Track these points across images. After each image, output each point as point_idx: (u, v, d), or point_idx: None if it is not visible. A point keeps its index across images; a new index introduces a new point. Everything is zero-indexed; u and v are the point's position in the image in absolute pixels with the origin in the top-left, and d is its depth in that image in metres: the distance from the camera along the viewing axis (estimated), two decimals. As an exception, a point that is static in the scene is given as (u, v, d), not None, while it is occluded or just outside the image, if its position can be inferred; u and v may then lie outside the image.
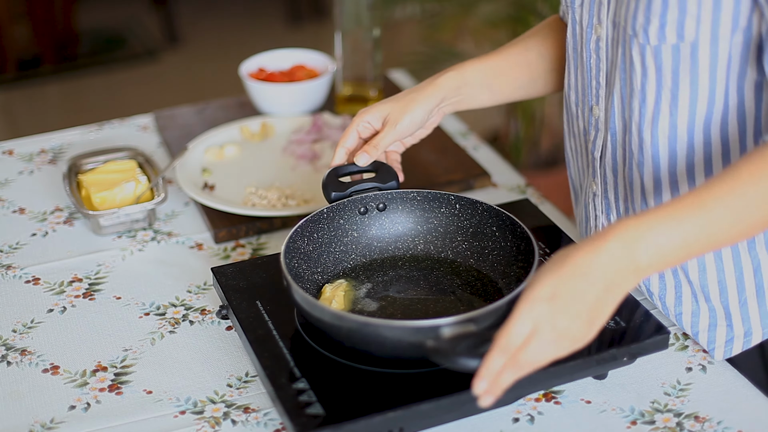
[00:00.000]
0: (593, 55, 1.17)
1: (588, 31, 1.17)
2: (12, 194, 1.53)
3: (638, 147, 1.14)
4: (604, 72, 1.17)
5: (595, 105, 1.19)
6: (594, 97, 1.20)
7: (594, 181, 1.24)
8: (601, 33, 1.15)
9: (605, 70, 1.17)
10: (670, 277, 1.18)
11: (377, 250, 1.24)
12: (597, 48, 1.16)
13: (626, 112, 1.14)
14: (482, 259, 1.22)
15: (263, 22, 4.63)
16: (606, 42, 1.15)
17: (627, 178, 1.18)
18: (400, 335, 1.01)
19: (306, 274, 1.17)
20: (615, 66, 1.14)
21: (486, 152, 1.65)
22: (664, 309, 1.21)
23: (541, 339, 0.92)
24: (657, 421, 1.07)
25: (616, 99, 1.15)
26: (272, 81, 1.72)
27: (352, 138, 1.26)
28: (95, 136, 1.70)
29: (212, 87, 3.88)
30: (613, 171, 1.20)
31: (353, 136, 1.26)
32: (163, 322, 1.24)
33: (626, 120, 1.14)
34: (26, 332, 1.23)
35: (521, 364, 0.92)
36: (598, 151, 1.21)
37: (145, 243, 1.40)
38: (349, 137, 1.25)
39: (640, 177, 1.16)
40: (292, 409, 1.00)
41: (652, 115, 1.10)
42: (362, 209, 1.24)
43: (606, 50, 1.15)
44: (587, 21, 1.17)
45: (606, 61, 1.16)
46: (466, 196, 1.24)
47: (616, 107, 1.15)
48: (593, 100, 1.20)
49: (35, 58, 4.16)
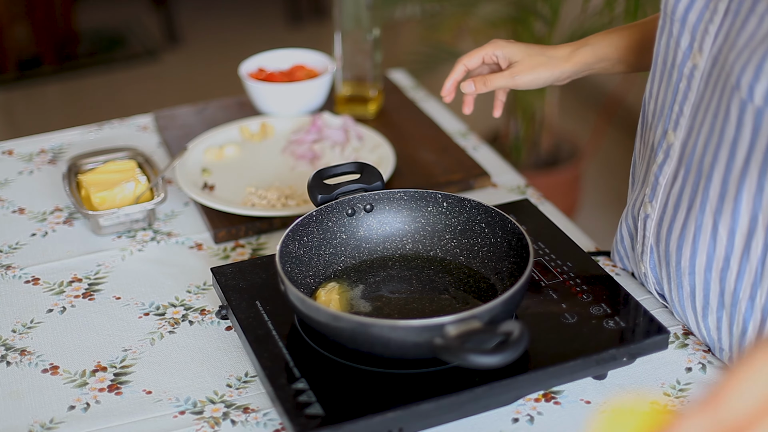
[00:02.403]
0: (684, 80, 1.08)
1: (686, 53, 1.07)
2: (12, 194, 1.53)
3: (719, 196, 1.06)
4: (690, 103, 1.08)
5: (672, 131, 1.11)
6: (673, 122, 1.11)
7: (651, 204, 1.17)
8: (698, 62, 1.05)
9: (693, 102, 1.07)
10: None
11: (366, 251, 1.24)
12: (690, 77, 1.07)
13: (708, 157, 1.05)
14: (472, 255, 1.22)
15: (263, 22, 4.63)
16: (702, 74, 1.05)
17: (697, 219, 1.10)
18: (406, 335, 1.01)
19: (298, 278, 1.17)
20: (706, 105, 1.05)
21: (486, 152, 1.65)
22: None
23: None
24: (657, 421, 1.07)
25: (700, 141, 1.06)
26: (272, 81, 1.72)
27: (476, 60, 1.27)
28: (95, 136, 1.70)
29: (212, 87, 3.88)
30: (677, 205, 1.13)
31: (478, 59, 1.27)
32: (162, 322, 1.24)
33: (708, 164, 1.06)
34: (26, 332, 1.23)
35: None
36: (664, 177, 1.14)
37: (144, 243, 1.40)
38: (474, 58, 1.27)
39: (714, 223, 1.08)
40: (292, 409, 1.00)
41: (740, 171, 1.02)
42: (350, 211, 1.24)
43: (699, 82, 1.06)
44: (687, 43, 1.07)
45: (696, 92, 1.06)
46: (453, 194, 1.24)
47: (698, 150, 1.07)
48: (670, 124, 1.12)
49: (35, 58, 4.16)
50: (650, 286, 1.24)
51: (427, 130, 1.68)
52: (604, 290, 1.17)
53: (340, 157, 1.57)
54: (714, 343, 1.16)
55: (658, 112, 1.15)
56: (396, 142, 1.62)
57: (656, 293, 1.24)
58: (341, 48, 1.70)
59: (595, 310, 1.14)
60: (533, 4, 2.76)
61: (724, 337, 1.14)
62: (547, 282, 1.19)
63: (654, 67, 1.16)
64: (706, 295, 1.13)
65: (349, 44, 1.70)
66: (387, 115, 1.74)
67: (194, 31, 4.54)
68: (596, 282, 1.19)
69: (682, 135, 1.11)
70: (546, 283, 1.19)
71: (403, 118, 1.73)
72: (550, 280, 1.19)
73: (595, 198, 3.25)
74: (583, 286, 1.18)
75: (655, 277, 1.21)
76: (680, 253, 1.13)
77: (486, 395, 1.04)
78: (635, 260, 1.25)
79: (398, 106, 1.77)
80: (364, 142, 1.61)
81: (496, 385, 1.03)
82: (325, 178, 1.25)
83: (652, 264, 1.20)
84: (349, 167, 1.27)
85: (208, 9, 4.78)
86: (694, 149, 1.09)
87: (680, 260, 1.14)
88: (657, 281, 1.21)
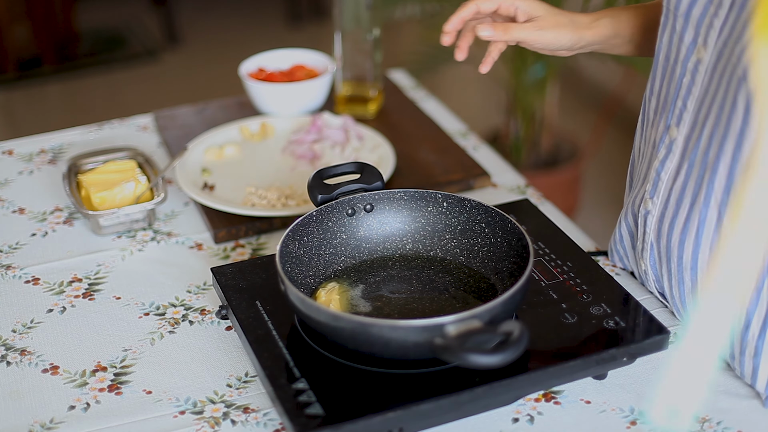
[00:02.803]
0: (688, 75, 1.08)
1: (689, 48, 1.07)
2: (12, 194, 1.53)
3: (724, 188, 1.06)
4: (694, 97, 1.08)
5: (674, 126, 1.11)
6: (676, 117, 1.11)
7: (651, 200, 1.17)
8: (702, 57, 1.05)
9: (697, 96, 1.08)
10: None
11: (366, 251, 1.24)
12: (695, 71, 1.07)
13: (714, 149, 1.05)
14: (472, 256, 1.22)
15: (263, 22, 4.63)
16: (706, 68, 1.05)
17: (700, 213, 1.09)
18: (406, 335, 1.01)
19: (298, 278, 1.17)
20: (711, 98, 1.05)
21: (486, 152, 1.65)
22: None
23: None
24: (657, 421, 1.07)
25: (704, 135, 1.06)
26: (272, 81, 1.72)
27: (491, 4, 1.21)
28: (95, 136, 1.70)
29: (212, 87, 3.88)
30: (679, 200, 1.13)
31: (494, 3, 1.20)
32: (162, 322, 1.24)
33: (713, 157, 1.06)
34: (26, 332, 1.23)
35: None
36: (666, 173, 1.14)
37: (144, 243, 1.40)
38: (491, 1, 1.20)
39: (718, 214, 1.08)
40: (292, 409, 1.00)
41: (747, 161, 1.01)
42: (350, 211, 1.24)
43: (704, 76, 1.06)
44: (690, 38, 1.07)
45: (700, 87, 1.06)
46: (453, 194, 1.24)
47: (702, 144, 1.07)
48: (673, 120, 1.11)
49: (35, 58, 4.16)
50: (650, 284, 1.24)
51: (427, 130, 1.68)
52: (604, 290, 1.17)
53: (340, 157, 1.57)
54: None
55: (660, 108, 1.16)
56: (396, 142, 1.63)
57: (656, 291, 1.24)
58: (341, 48, 1.70)
59: (595, 310, 1.14)
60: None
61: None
62: (547, 282, 1.19)
63: (655, 64, 1.16)
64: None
65: (349, 44, 1.70)
66: (387, 115, 1.74)
67: (194, 31, 4.54)
68: (596, 282, 1.19)
69: (686, 130, 1.11)
70: (546, 283, 1.19)
71: (403, 118, 1.73)
72: (550, 280, 1.19)
73: (595, 198, 3.25)
74: (583, 286, 1.18)
75: (655, 275, 1.21)
76: (682, 248, 1.13)
77: (486, 395, 1.03)
78: (635, 258, 1.25)
79: (398, 106, 1.77)
80: (364, 142, 1.61)
81: (496, 385, 1.03)
82: (325, 178, 1.25)
83: (652, 261, 1.20)
84: (349, 167, 1.27)
85: (208, 9, 4.78)
86: (698, 143, 1.08)
87: (682, 255, 1.14)
88: (657, 278, 1.21)
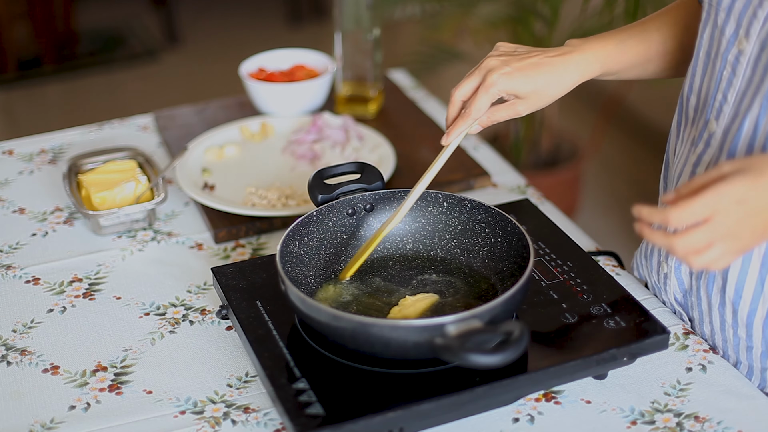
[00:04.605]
0: (728, 68, 1.08)
1: (730, 40, 1.07)
2: (12, 194, 1.53)
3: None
4: (735, 90, 1.07)
5: (713, 119, 1.11)
6: (715, 111, 1.10)
7: None
8: (744, 48, 1.05)
9: (738, 88, 1.07)
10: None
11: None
12: (735, 63, 1.07)
13: (761, 139, 1.04)
14: (472, 256, 1.22)
15: (263, 22, 4.63)
16: (748, 59, 1.05)
17: None
18: (406, 335, 1.01)
19: (299, 278, 1.17)
20: (755, 88, 1.04)
21: (486, 152, 1.65)
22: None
23: (710, 231, 0.89)
24: (657, 421, 1.07)
25: (747, 124, 1.05)
26: (272, 81, 1.72)
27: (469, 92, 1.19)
28: (95, 136, 1.70)
29: (212, 87, 3.88)
30: None
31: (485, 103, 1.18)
32: (163, 322, 1.24)
33: (761, 147, 1.04)
34: (26, 332, 1.23)
35: (673, 243, 0.90)
36: (702, 167, 1.12)
37: (145, 243, 1.40)
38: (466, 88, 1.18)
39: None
40: (292, 409, 1.00)
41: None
42: (350, 210, 1.24)
43: (745, 68, 1.06)
44: (731, 30, 1.06)
45: (742, 78, 1.06)
46: (453, 194, 1.24)
47: (745, 133, 1.06)
48: (712, 113, 1.11)
49: (35, 58, 4.16)
50: (668, 291, 1.22)
51: (427, 130, 1.68)
52: (604, 290, 1.17)
53: (340, 157, 1.57)
54: (740, 342, 1.15)
55: (701, 105, 1.15)
56: (396, 142, 1.63)
57: (672, 298, 1.22)
58: (341, 48, 1.70)
59: (596, 310, 1.14)
60: (533, 4, 2.76)
61: (756, 330, 1.13)
62: (547, 282, 1.19)
63: (695, 62, 1.15)
64: (739, 288, 1.12)
65: (349, 44, 1.70)
66: (387, 115, 1.74)
67: (194, 31, 4.54)
68: (596, 282, 1.19)
69: (725, 122, 1.10)
70: (546, 283, 1.19)
71: (403, 118, 1.73)
72: (550, 280, 1.19)
73: (595, 198, 3.25)
74: (583, 285, 1.18)
75: (677, 278, 1.20)
76: None
77: (486, 395, 1.04)
78: (657, 262, 1.23)
79: (398, 106, 1.77)
80: (364, 142, 1.61)
81: (497, 385, 1.03)
82: (325, 178, 1.25)
83: (677, 263, 1.19)
84: (349, 167, 1.27)
85: (208, 9, 4.78)
86: (738, 134, 1.07)
87: None
88: (680, 282, 1.20)
